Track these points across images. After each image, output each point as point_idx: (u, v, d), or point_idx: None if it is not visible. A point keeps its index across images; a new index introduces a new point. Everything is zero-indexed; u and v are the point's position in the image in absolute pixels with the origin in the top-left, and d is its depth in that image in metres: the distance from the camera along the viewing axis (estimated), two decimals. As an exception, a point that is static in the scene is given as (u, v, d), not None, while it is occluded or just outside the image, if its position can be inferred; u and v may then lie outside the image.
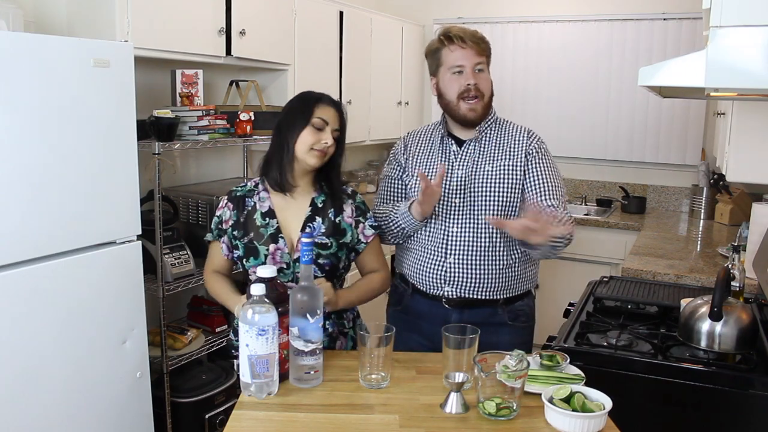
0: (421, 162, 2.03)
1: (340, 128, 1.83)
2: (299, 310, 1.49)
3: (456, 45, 1.90)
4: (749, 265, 2.44)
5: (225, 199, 1.88)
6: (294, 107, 1.83)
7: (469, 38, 1.90)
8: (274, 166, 1.82)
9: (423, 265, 1.98)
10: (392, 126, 4.46)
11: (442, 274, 1.94)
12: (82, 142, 1.97)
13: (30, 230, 1.85)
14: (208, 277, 1.90)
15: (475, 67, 1.91)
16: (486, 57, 1.94)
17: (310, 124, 1.77)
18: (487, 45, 1.95)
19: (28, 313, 1.86)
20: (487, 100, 1.95)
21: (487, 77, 1.95)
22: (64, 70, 1.89)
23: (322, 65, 3.62)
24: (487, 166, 1.94)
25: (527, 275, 2.01)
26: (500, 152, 1.96)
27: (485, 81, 1.93)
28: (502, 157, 1.95)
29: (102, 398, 2.09)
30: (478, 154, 1.96)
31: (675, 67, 1.60)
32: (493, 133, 1.99)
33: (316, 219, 1.82)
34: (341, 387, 1.53)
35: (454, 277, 1.93)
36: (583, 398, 1.38)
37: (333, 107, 1.83)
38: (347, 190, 1.91)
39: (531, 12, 4.49)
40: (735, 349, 1.85)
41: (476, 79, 1.90)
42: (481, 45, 1.92)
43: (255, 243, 1.80)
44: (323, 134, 1.78)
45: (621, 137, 4.36)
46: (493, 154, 1.96)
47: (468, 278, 1.93)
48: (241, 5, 2.88)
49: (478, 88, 1.91)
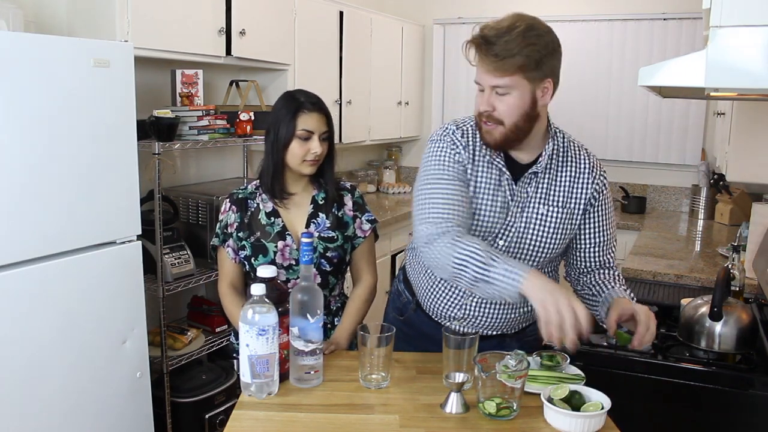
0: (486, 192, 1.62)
1: (327, 128, 1.82)
2: (299, 310, 1.49)
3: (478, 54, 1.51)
4: (749, 265, 2.44)
5: (227, 202, 1.87)
6: (277, 119, 1.79)
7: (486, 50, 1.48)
8: (268, 178, 1.82)
9: (436, 293, 1.74)
10: (392, 126, 4.46)
11: (455, 311, 1.72)
12: (82, 142, 1.97)
13: (30, 230, 1.85)
14: (224, 293, 1.86)
15: (493, 89, 1.51)
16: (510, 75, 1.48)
17: (296, 137, 1.77)
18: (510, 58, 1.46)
19: (28, 313, 1.86)
20: (512, 128, 1.53)
21: (511, 101, 1.50)
22: (64, 70, 1.89)
23: (322, 65, 3.62)
24: (542, 208, 1.61)
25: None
26: (560, 191, 1.62)
27: (505, 105, 1.51)
28: (563, 199, 1.62)
29: (102, 398, 2.09)
30: (534, 189, 1.62)
31: (675, 67, 1.60)
32: (555, 164, 1.63)
33: (320, 215, 1.85)
34: (341, 387, 1.53)
35: (468, 316, 1.72)
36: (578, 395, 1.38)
37: (316, 112, 1.79)
38: (346, 185, 1.93)
39: (531, 12, 4.47)
40: (735, 349, 1.85)
41: (490, 103, 1.52)
42: (507, 60, 1.46)
43: (263, 241, 1.81)
44: (311, 143, 1.78)
45: (621, 137, 4.37)
46: (552, 192, 1.62)
47: (483, 320, 1.72)
48: (241, 5, 2.88)
49: (491, 115, 1.53)
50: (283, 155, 1.79)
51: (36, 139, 1.84)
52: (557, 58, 1.55)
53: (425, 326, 1.79)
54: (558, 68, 1.57)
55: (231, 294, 1.85)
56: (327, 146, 1.82)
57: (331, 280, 1.87)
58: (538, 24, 1.54)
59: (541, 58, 1.49)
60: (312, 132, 1.77)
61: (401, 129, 4.53)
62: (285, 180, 1.83)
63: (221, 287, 1.87)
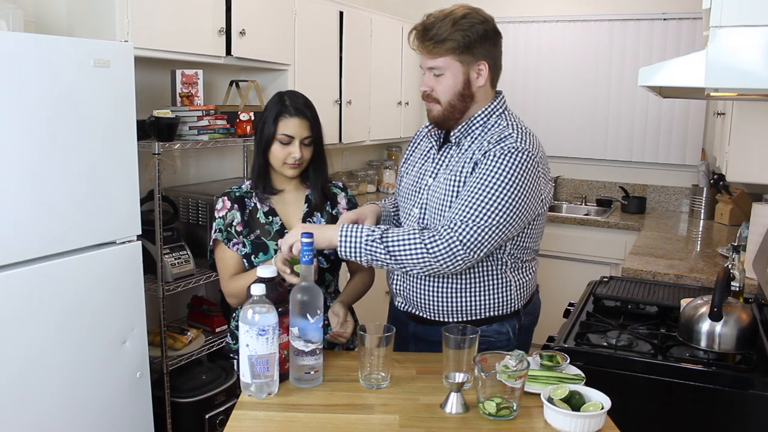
0: (408, 158, 1.92)
1: (311, 133, 1.81)
2: (299, 310, 1.49)
3: (416, 40, 1.68)
4: (749, 265, 2.44)
5: (225, 200, 1.86)
6: (264, 120, 1.81)
7: (419, 36, 1.66)
8: (254, 175, 1.85)
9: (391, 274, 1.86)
10: (392, 126, 4.46)
11: (392, 284, 1.85)
12: (82, 142, 1.96)
13: (30, 230, 1.85)
14: (228, 284, 1.82)
15: (431, 71, 1.68)
16: (442, 56, 1.63)
17: (276, 140, 1.78)
18: (441, 42, 1.62)
19: (28, 313, 1.86)
20: (447, 106, 1.68)
21: (446, 82, 1.66)
22: (64, 70, 1.89)
23: (322, 65, 3.62)
24: (448, 178, 1.70)
25: (491, 300, 1.74)
26: (467, 162, 1.68)
27: (441, 86, 1.67)
28: (466, 168, 1.68)
29: (102, 398, 2.09)
30: (448, 161, 1.74)
31: (675, 67, 1.60)
32: (475, 138, 1.71)
33: (315, 214, 1.87)
34: (341, 387, 1.53)
35: (400, 289, 1.82)
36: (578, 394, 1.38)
37: (297, 117, 1.78)
38: (338, 183, 1.96)
39: (531, 12, 4.49)
40: (735, 349, 1.85)
41: (428, 84, 1.69)
42: (438, 44, 1.62)
43: (263, 239, 1.82)
44: (291, 147, 1.78)
45: (621, 137, 4.36)
46: (460, 162, 1.70)
47: (410, 294, 1.79)
48: (241, 5, 2.88)
49: (429, 95, 1.70)
50: (266, 155, 1.81)
51: (36, 139, 1.84)
52: (493, 44, 1.69)
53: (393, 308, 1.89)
54: (495, 54, 1.71)
55: (235, 278, 1.81)
56: (311, 151, 1.82)
57: (327, 277, 1.89)
58: (475, 13, 1.67)
59: (471, 42, 1.63)
60: (292, 137, 1.78)
61: (401, 129, 4.53)
62: (272, 177, 1.86)
63: (225, 283, 1.83)
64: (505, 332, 1.78)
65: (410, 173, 1.86)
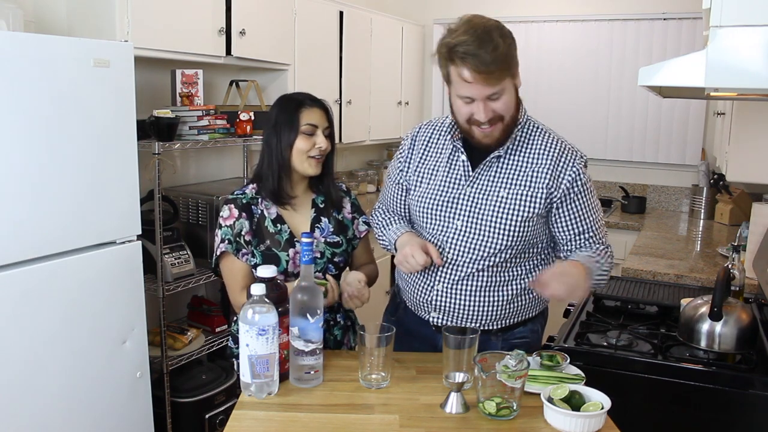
0: (423, 173, 1.78)
1: (329, 124, 1.80)
2: (299, 310, 1.49)
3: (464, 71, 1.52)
4: (749, 265, 2.44)
5: (232, 208, 1.77)
6: (279, 118, 1.76)
7: (473, 68, 1.50)
8: (270, 181, 1.77)
9: (412, 285, 1.79)
10: (392, 126, 4.46)
11: (429, 300, 1.75)
12: (82, 142, 1.96)
13: (30, 230, 1.85)
14: (241, 296, 1.73)
15: (487, 98, 1.55)
16: (502, 80, 1.54)
17: (301, 132, 1.74)
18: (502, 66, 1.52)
19: (28, 313, 1.86)
20: (509, 120, 1.62)
21: (506, 99, 1.58)
22: (64, 70, 1.89)
23: (322, 65, 3.62)
24: (502, 191, 1.66)
25: (531, 303, 1.77)
26: (522, 174, 1.66)
27: (502, 104, 1.57)
28: (524, 181, 1.65)
29: (102, 398, 2.09)
30: (495, 173, 1.68)
31: (675, 67, 1.60)
32: (520, 149, 1.67)
33: (322, 219, 1.84)
34: (341, 387, 1.53)
35: (442, 305, 1.74)
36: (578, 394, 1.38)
37: (317, 107, 1.78)
38: (342, 186, 1.94)
39: (531, 12, 4.49)
40: (735, 349, 1.85)
41: (487, 109, 1.56)
42: (494, 73, 1.51)
43: (274, 250, 1.76)
44: (316, 138, 1.75)
45: (621, 137, 4.36)
46: (514, 175, 1.66)
47: (456, 308, 1.73)
48: (241, 5, 2.88)
49: (492, 118, 1.58)
50: (288, 156, 1.75)
51: (36, 139, 1.84)
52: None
53: (411, 323, 1.81)
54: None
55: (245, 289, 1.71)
56: (330, 144, 1.80)
57: None
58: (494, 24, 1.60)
59: (514, 52, 1.58)
60: (316, 126, 1.75)
61: (401, 129, 4.53)
62: (284, 186, 1.78)
63: (236, 295, 1.75)
64: (536, 330, 1.84)
65: (434, 181, 1.74)
